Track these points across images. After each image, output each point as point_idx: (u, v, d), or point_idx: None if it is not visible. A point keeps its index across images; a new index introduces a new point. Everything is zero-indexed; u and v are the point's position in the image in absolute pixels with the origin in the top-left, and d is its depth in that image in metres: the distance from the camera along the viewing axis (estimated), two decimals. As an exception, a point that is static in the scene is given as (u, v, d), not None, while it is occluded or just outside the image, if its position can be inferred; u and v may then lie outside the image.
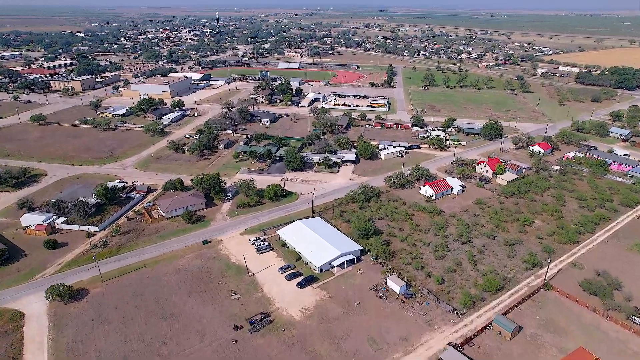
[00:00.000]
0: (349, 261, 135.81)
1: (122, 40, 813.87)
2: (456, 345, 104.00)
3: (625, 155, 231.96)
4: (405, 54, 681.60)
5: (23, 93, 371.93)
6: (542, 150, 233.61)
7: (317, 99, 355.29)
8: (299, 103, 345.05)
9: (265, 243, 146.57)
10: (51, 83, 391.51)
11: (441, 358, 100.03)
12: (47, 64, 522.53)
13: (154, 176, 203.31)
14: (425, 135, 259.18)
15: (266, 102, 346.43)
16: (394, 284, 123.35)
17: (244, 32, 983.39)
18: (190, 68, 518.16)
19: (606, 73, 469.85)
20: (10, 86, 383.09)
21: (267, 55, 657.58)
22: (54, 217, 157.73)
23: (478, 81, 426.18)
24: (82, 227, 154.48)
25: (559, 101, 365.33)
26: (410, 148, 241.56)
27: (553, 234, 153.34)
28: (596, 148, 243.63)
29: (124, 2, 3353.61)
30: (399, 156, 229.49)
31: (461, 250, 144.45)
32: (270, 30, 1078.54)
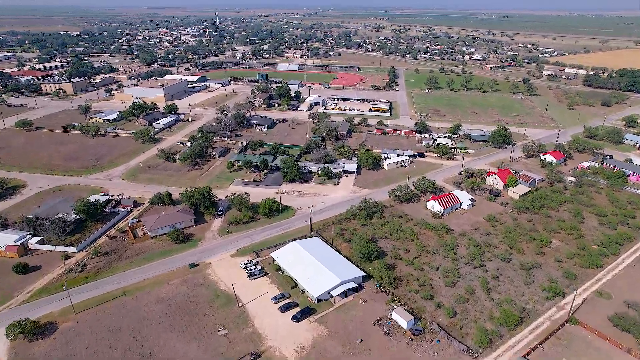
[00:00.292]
0: (350, 289, 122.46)
1: (120, 41, 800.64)
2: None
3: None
4: (407, 55, 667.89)
5: (12, 96, 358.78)
6: (555, 160, 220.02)
7: (317, 103, 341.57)
8: (298, 107, 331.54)
9: (258, 267, 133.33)
10: (42, 86, 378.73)
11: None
12: (41, 66, 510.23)
13: (142, 188, 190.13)
14: (431, 143, 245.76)
15: (264, 107, 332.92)
16: (400, 318, 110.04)
17: (243, 33, 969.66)
18: (187, 70, 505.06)
19: (614, 75, 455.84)
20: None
21: (266, 56, 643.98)
22: (27, 237, 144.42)
23: (483, 84, 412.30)
24: (59, 248, 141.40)
25: (568, 105, 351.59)
26: (414, 157, 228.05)
27: (573, 256, 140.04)
28: (612, 157, 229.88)
29: (124, 3, 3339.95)
30: (403, 166, 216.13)
31: (474, 276, 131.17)
32: (270, 30, 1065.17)
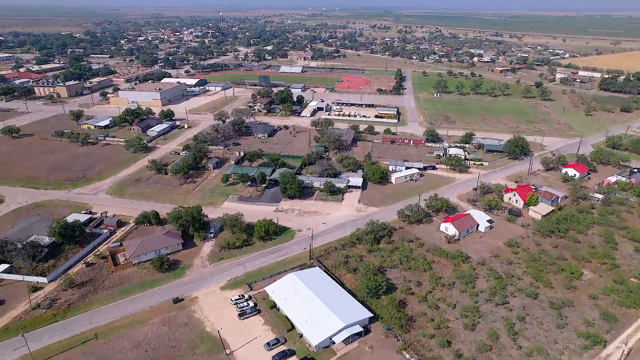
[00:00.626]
0: (356, 334, 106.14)
1: (121, 42, 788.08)
2: None
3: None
4: (414, 57, 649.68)
5: (4, 99, 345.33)
6: (578, 174, 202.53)
7: (320, 108, 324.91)
8: (300, 113, 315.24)
9: (250, 304, 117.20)
10: (35, 89, 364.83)
11: None
12: (38, 67, 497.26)
13: (129, 204, 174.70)
14: (442, 154, 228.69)
15: (264, 112, 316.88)
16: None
17: (247, 34, 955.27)
18: (187, 72, 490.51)
19: (632, 79, 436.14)
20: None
21: (269, 58, 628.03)
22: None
23: (494, 88, 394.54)
24: (27, 278, 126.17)
25: (585, 111, 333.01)
26: (425, 169, 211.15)
27: (610, 292, 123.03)
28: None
29: (129, 3, 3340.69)
30: (412, 180, 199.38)
31: (496, 316, 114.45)
32: (274, 31, 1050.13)
